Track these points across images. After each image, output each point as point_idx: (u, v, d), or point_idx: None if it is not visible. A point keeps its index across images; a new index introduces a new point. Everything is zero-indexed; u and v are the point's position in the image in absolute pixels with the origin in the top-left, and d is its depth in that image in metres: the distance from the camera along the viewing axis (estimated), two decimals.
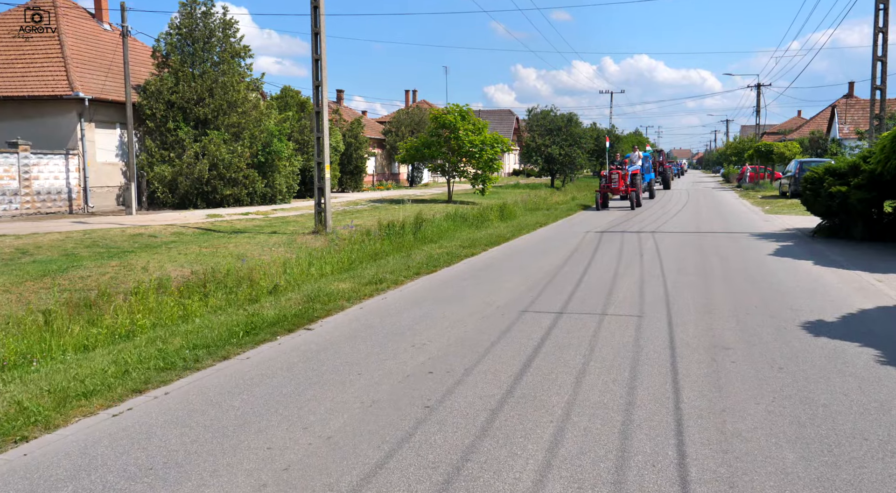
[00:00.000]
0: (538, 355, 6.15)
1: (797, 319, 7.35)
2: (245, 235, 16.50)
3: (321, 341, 6.81)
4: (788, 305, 8.08)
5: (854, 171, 13.96)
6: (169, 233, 16.53)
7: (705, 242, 14.74)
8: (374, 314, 8.05)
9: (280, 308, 8.24)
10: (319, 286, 9.83)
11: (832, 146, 43.33)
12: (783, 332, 6.80)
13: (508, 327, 7.27)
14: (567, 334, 6.88)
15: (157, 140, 24.67)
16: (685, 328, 7.05)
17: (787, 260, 11.71)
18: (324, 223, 16.43)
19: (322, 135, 16.28)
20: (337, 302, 8.64)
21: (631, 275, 10.49)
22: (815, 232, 15.40)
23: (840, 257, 12.01)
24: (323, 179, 16.45)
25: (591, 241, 15.31)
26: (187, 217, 20.80)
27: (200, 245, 14.66)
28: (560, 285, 9.71)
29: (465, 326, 7.35)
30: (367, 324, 7.55)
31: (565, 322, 7.43)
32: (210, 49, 25.63)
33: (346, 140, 37.14)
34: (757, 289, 9.12)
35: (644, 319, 7.53)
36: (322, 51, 16.20)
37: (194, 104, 24.82)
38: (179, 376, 5.65)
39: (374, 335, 7.01)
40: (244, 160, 24.90)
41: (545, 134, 43.49)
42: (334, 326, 7.52)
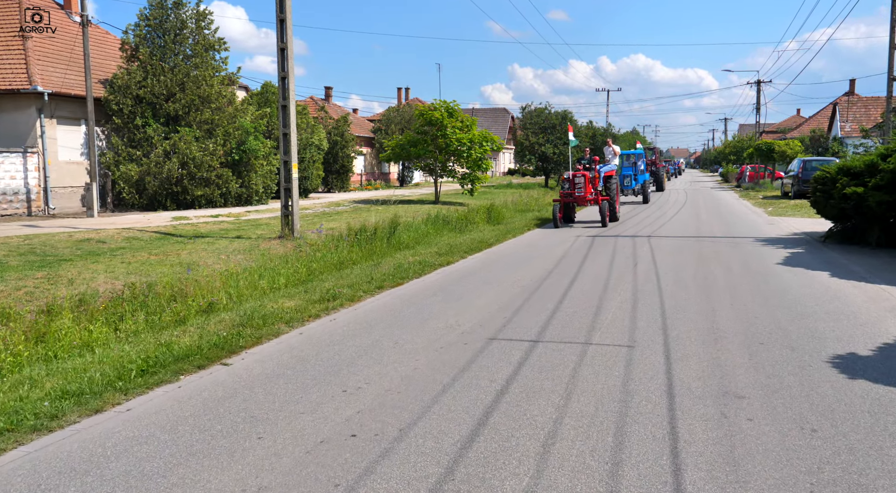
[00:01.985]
0: (498, 406, 4.80)
1: (823, 351, 6.01)
2: (206, 240, 15.14)
3: (232, 384, 5.45)
4: (810, 331, 6.74)
5: (871, 170, 12.63)
6: (121, 238, 15.16)
7: (705, 248, 13.40)
8: (313, 343, 6.70)
9: (202, 334, 6.89)
10: (262, 304, 8.48)
11: (834, 145, 42.09)
12: (809, 371, 5.46)
13: (469, 361, 5.92)
14: (539, 374, 5.53)
15: (125, 137, 23.27)
16: (686, 364, 5.71)
17: (800, 271, 10.38)
18: (291, 228, 15.07)
19: (289, 131, 14.92)
20: (273, 326, 7.28)
21: (622, 290, 9.15)
22: (826, 237, 14.07)
23: (859, 267, 10.68)
24: (290, 179, 15.09)
25: (581, 246, 13.96)
26: (151, 220, 19.43)
27: (150, 252, 13.31)
28: (540, 303, 8.36)
29: (417, 360, 6.00)
30: (300, 357, 6.20)
31: (540, 355, 6.08)
32: (182, 41, 24.24)
33: (332, 138, 35.76)
34: (769, 309, 7.78)
35: (636, 350, 6.19)
36: (288, 40, 14.83)
37: (164, 100, 23.42)
38: (19, 442, 4.29)
39: (301, 374, 5.66)
40: (217, 159, 23.51)
41: (539, 132, 42.16)
42: (259, 359, 6.16)
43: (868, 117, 44.72)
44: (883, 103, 41.80)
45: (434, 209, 22.21)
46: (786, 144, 39.85)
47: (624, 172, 28.32)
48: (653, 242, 14.44)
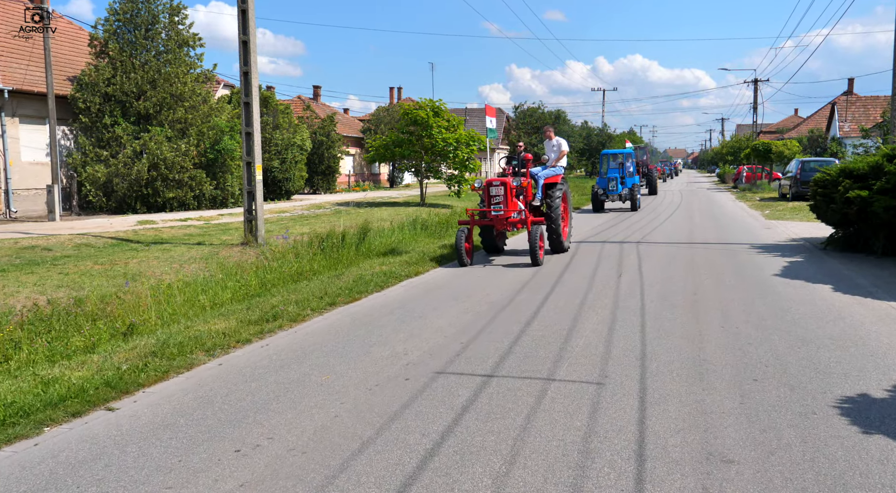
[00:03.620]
0: (421, 475, 3.80)
1: (829, 392, 5.02)
2: (163, 246, 14.13)
3: (104, 439, 4.44)
4: (812, 363, 5.75)
5: (876, 172, 11.65)
6: (72, 245, 14.15)
7: (698, 256, 12.41)
8: (228, 379, 5.69)
9: (102, 367, 5.88)
10: (190, 325, 7.48)
11: (832, 145, 41.20)
12: (812, 422, 4.47)
13: (404, 405, 4.92)
14: (484, 425, 4.53)
15: (92, 137, 22.26)
16: (664, 410, 4.71)
17: (799, 284, 9.39)
18: (254, 234, 14.06)
19: (252, 130, 13.91)
20: (190, 355, 6.28)
21: (601, 307, 8.15)
22: (827, 244, 13.09)
23: (864, 280, 9.69)
24: (253, 181, 14.08)
25: (563, 255, 12.95)
26: (114, 224, 18.41)
27: (97, 261, 12.30)
28: (505, 324, 7.36)
29: (343, 403, 5.00)
30: (205, 398, 5.19)
31: (490, 396, 5.08)
32: (154, 37, 23.23)
33: (317, 138, 34.78)
34: (765, 333, 6.79)
35: (606, 389, 5.20)
36: (251, 32, 13.83)
37: (135, 98, 22.42)
38: None
39: (196, 425, 4.65)
40: (190, 159, 22.52)
41: (531, 132, 41.23)
42: (155, 401, 5.16)
43: (867, 117, 43.80)
44: (883, 103, 40.91)
45: (417, 212, 21.22)
46: (783, 144, 38.90)
47: (609, 175, 24.98)
48: (641, 250, 13.45)
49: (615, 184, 24.54)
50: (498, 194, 11.75)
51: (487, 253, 13.07)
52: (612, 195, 24.52)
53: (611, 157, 26.73)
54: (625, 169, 25.67)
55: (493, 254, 13.03)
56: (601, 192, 24.57)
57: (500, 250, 13.18)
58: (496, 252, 13.08)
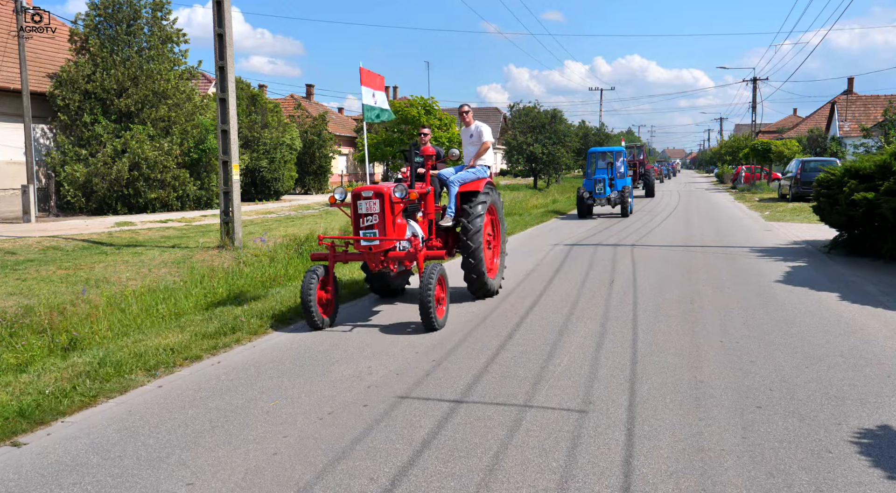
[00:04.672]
0: None
1: (844, 424, 4.37)
2: (135, 250, 13.48)
3: None
4: (822, 386, 5.11)
5: (884, 172, 11.02)
6: (39, 248, 13.49)
7: (695, 260, 11.77)
8: (163, 405, 5.04)
9: (25, 390, 5.22)
10: (140, 339, 6.83)
11: (832, 145, 40.60)
12: (827, 464, 3.83)
13: (356, 439, 4.27)
14: (444, 466, 3.89)
15: (72, 136, 21.59)
16: (655, 446, 4.07)
17: (803, 292, 8.75)
18: (231, 236, 13.40)
19: (228, 127, 13.24)
20: (127, 376, 5.62)
21: (590, 318, 7.51)
22: (831, 247, 12.46)
23: (873, 287, 9.06)
24: (229, 181, 13.42)
25: (554, 258, 12.33)
26: (90, 225, 17.76)
27: (62, 265, 11.65)
28: (483, 339, 6.72)
29: (287, 436, 4.35)
30: (131, 430, 4.54)
31: (457, 427, 4.44)
32: (136, 32, 22.56)
33: (309, 137, 34.10)
34: (768, 349, 6.15)
35: (589, 418, 4.55)
36: (227, 24, 13.16)
37: (115, 95, 21.75)
38: None
39: (109, 466, 4.00)
40: (174, 159, 21.85)
41: (528, 131, 40.49)
42: (71, 435, 4.50)
43: (868, 116, 43.22)
44: (884, 102, 40.33)
45: None
46: (783, 143, 38.29)
47: (597, 176, 21.95)
48: (636, 253, 12.81)
49: (602, 186, 21.65)
50: (371, 213, 7.19)
51: (381, 296, 8.98)
52: (600, 199, 21.77)
53: (599, 156, 23.84)
54: (615, 169, 22.61)
55: (390, 296, 8.99)
56: (587, 195, 21.71)
57: (397, 291, 9.02)
58: (393, 294, 8.98)
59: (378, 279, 8.65)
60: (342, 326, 7.40)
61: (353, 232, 7.39)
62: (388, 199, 7.28)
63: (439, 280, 7.11)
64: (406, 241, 7.33)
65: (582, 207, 21.72)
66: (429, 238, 8.32)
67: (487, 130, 8.99)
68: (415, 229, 7.89)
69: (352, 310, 8.32)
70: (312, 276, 7.13)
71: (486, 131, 8.97)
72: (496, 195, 9.06)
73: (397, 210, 7.40)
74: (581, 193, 21.76)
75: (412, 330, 7.07)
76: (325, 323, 7.24)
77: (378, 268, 7.45)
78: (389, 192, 7.28)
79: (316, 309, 7.08)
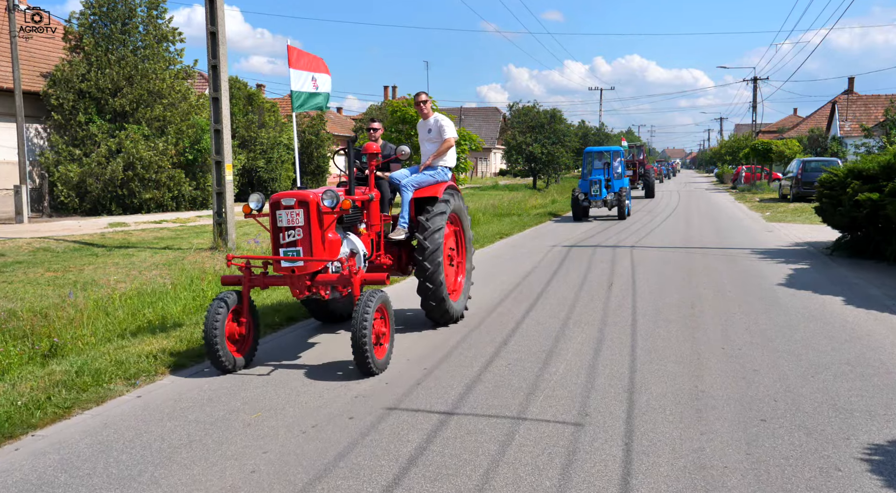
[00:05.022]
0: None
1: (855, 439, 4.16)
2: (127, 251, 13.28)
3: None
4: (829, 397, 4.89)
5: (888, 173, 10.81)
6: (29, 250, 13.28)
7: (695, 263, 11.56)
8: (140, 417, 4.83)
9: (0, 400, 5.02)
10: (123, 345, 6.62)
11: (833, 145, 40.40)
12: (838, 483, 3.62)
13: (340, 455, 4.06)
14: (432, 485, 3.67)
15: (66, 136, 21.38)
16: (654, 463, 3.86)
17: (807, 296, 8.54)
18: (224, 238, 13.21)
19: (221, 127, 13.03)
20: (106, 386, 5.41)
21: (588, 323, 7.30)
22: (834, 249, 12.25)
23: (877, 290, 8.85)
24: (223, 181, 13.21)
25: (552, 260, 12.12)
26: (83, 226, 17.54)
27: (50, 267, 11.44)
28: (477, 346, 6.51)
29: (267, 452, 4.14)
30: (103, 445, 4.33)
31: (444, 443, 4.23)
32: (131, 31, 22.34)
33: (306, 137, 33.88)
34: (772, 356, 5.94)
35: (585, 432, 4.34)
36: (219, 22, 12.95)
37: (110, 94, 21.53)
38: None
39: (78, 485, 3.79)
40: (169, 159, 21.64)
41: (527, 131, 40.28)
42: (40, 450, 4.29)
43: (869, 116, 43.00)
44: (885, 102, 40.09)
45: None
46: (783, 143, 38.08)
47: (592, 177, 20.89)
48: (635, 255, 12.60)
49: (598, 187, 20.44)
50: (294, 226, 5.78)
51: (323, 322, 7.63)
52: (596, 201, 20.59)
53: (595, 155, 22.80)
54: (611, 170, 21.53)
55: (335, 322, 7.63)
56: (582, 197, 20.54)
57: (345, 316, 7.61)
58: (337, 319, 7.61)
59: (316, 301, 7.12)
60: (260, 366, 5.95)
61: (272, 250, 5.92)
62: (315, 208, 5.74)
63: (380, 311, 5.68)
64: (340, 261, 5.88)
65: (577, 210, 20.58)
66: (376, 255, 6.89)
67: (450, 124, 7.52)
68: (354, 246, 6.38)
69: (281, 341, 6.87)
70: (220, 305, 5.63)
71: (447, 126, 7.47)
72: (459, 201, 7.57)
73: (327, 222, 5.87)
74: (576, 195, 20.64)
75: (344, 375, 5.59)
76: (238, 364, 5.80)
77: (304, 295, 5.91)
78: (316, 200, 5.76)
79: (224, 348, 5.62)
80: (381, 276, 5.93)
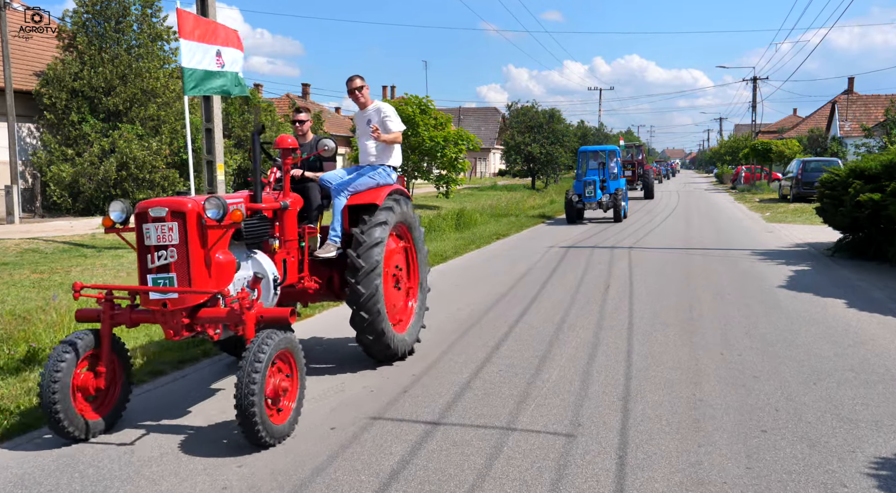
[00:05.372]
0: None
1: (860, 452, 3.95)
2: (118, 252, 13.06)
3: None
4: (833, 406, 4.69)
5: (890, 173, 10.61)
6: (17, 251, 13.06)
7: (694, 264, 11.35)
8: None
9: None
10: None
11: (833, 145, 40.23)
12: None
13: (318, 470, 3.85)
14: None
15: (59, 135, 21.15)
16: (649, 478, 3.65)
17: (808, 298, 8.33)
18: None
19: (212, 126, 12.80)
20: None
21: (583, 327, 7.09)
22: (835, 250, 12.04)
23: (880, 292, 8.65)
24: (214, 182, 12.97)
25: (549, 261, 11.91)
26: (74, 227, 17.32)
27: (37, 269, 11.23)
28: (468, 351, 6.30)
29: (240, 466, 3.93)
30: (68, 459, 4.12)
31: (429, 457, 4.01)
32: (125, 30, 22.10)
33: None
34: (772, 362, 5.73)
35: (577, 443, 4.13)
36: (211, 18, 12.70)
37: (103, 94, 21.28)
38: None
39: None
40: (163, 159, 21.40)
41: (525, 131, 40.08)
42: None
43: (869, 116, 42.81)
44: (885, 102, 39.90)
45: None
46: (783, 143, 37.89)
47: (587, 178, 20.14)
48: (633, 256, 12.39)
49: (593, 189, 19.65)
50: (166, 245, 4.43)
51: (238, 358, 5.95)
52: (591, 203, 19.78)
53: (590, 155, 22.13)
54: (607, 170, 20.87)
55: None
56: (576, 198, 19.77)
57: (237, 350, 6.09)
58: None
59: None
60: (129, 429, 4.49)
61: (138, 277, 4.48)
62: (195, 221, 4.37)
63: (282, 359, 4.29)
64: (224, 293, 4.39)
65: (571, 212, 19.76)
66: (299, 278, 5.49)
67: (394, 114, 6.09)
68: (260, 268, 4.90)
69: (170, 390, 5.37)
70: (65, 352, 4.21)
71: (392, 116, 6.05)
72: (408, 209, 6.18)
73: (213, 239, 4.44)
74: (570, 197, 19.85)
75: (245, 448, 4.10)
76: (94, 428, 4.34)
77: (181, 337, 4.42)
78: (197, 209, 4.41)
79: (69, 409, 4.16)
80: (282, 312, 4.43)
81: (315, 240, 5.74)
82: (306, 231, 5.59)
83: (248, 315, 4.29)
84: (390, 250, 5.86)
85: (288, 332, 4.37)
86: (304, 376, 4.51)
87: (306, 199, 5.74)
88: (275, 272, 5.01)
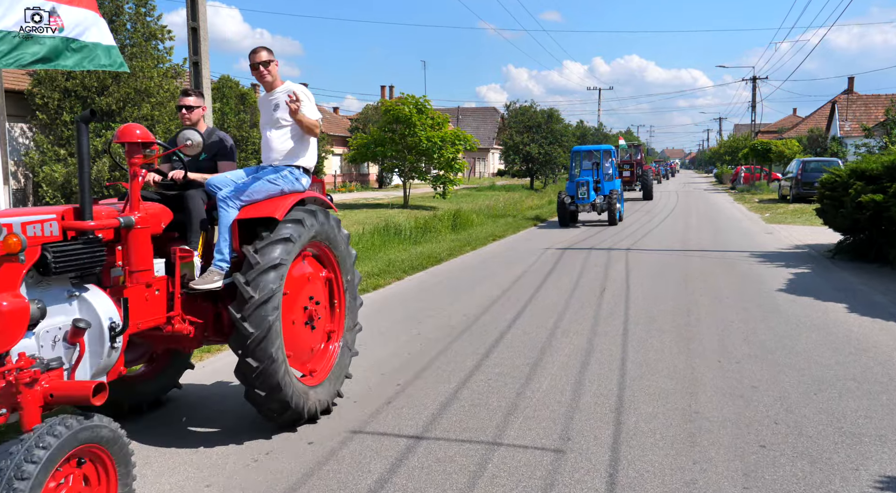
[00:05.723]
0: None
1: (864, 469, 3.75)
2: None
3: None
4: (835, 419, 4.48)
5: (892, 173, 10.41)
6: None
7: (692, 266, 11.15)
8: None
9: None
10: None
11: (833, 145, 40.02)
12: None
13: (290, 490, 3.65)
14: None
15: (52, 135, 20.95)
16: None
17: (808, 302, 8.13)
18: None
19: None
20: None
21: (576, 333, 6.89)
22: (836, 252, 11.84)
23: (882, 297, 8.44)
24: None
25: (544, 264, 11.71)
26: None
27: None
28: (457, 359, 6.10)
29: (209, 486, 3.73)
30: None
31: (411, 471, 3.81)
32: (118, 29, 21.86)
33: None
34: (771, 371, 5.53)
35: (565, 460, 3.93)
36: (201, 17, 12.49)
37: (96, 93, 21.06)
38: None
39: None
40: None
41: (524, 131, 39.89)
42: None
43: (869, 116, 42.61)
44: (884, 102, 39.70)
45: (396, 215, 19.96)
46: (783, 143, 37.69)
47: (580, 178, 19.20)
48: (630, 258, 12.19)
49: (586, 190, 18.66)
50: None
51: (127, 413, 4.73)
52: (584, 204, 18.85)
53: (584, 155, 21.22)
54: (601, 171, 19.96)
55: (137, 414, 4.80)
56: (569, 200, 18.80)
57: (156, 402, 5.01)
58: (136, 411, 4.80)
59: None
60: None
61: None
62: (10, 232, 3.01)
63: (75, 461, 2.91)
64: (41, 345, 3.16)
65: (564, 214, 18.85)
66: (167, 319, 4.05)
67: (311, 99, 4.69)
68: (86, 314, 3.41)
69: None
70: None
71: (307, 100, 4.61)
72: (329, 224, 4.74)
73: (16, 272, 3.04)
74: (562, 198, 18.87)
75: None
76: None
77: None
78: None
79: None
80: (81, 390, 3.00)
81: (191, 266, 4.18)
82: (177, 254, 4.04)
83: (25, 395, 2.88)
84: (302, 277, 4.49)
85: (94, 419, 2.94)
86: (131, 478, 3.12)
87: (185, 210, 4.28)
88: (113, 317, 3.47)
